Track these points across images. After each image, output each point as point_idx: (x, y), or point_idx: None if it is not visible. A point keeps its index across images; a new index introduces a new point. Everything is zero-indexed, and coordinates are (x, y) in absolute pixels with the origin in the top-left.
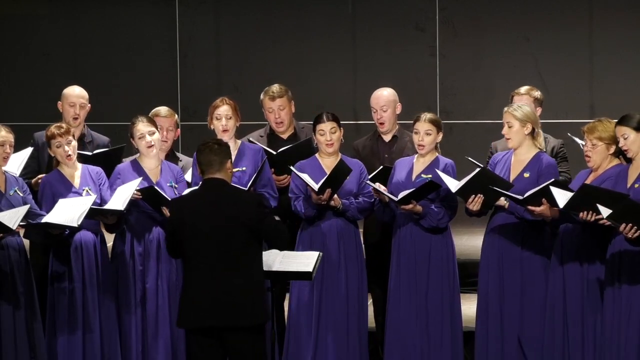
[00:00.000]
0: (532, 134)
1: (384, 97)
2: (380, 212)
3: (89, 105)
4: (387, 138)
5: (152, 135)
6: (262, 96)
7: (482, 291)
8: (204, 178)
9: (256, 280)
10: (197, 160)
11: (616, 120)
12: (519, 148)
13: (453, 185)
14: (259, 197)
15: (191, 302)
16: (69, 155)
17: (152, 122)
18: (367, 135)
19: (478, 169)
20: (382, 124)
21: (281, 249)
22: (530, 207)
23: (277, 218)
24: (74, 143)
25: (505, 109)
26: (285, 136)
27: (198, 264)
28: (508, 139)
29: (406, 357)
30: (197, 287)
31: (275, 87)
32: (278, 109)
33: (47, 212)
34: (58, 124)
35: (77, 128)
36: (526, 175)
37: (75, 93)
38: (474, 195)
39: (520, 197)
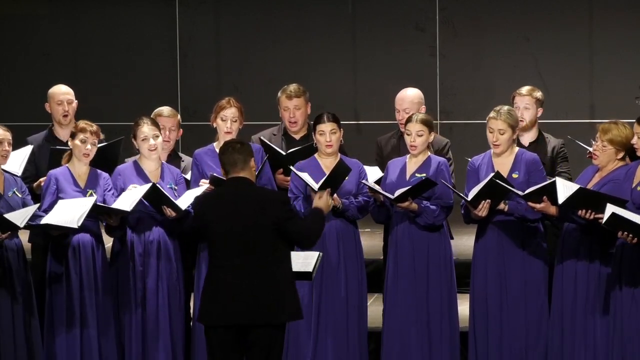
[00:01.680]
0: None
1: (408, 98)
2: (375, 213)
3: (76, 101)
4: None
5: (156, 138)
6: (279, 94)
7: (480, 292)
8: (228, 177)
9: (283, 279)
10: (220, 160)
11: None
12: (501, 152)
13: (467, 196)
14: (284, 196)
15: (215, 299)
16: (87, 154)
17: (156, 125)
18: (391, 132)
19: (491, 174)
20: (402, 124)
21: (309, 248)
22: (531, 204)
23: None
24: (96, 147)
25: (494, 115)
26: (297, 137)
27: (223, 262)
28: (497, 145)
29: (405, 356)
30: (222, 285)
31: (294, 87)
32: (294, 109)
33: (48, 204)
34: (88, 122)
35: (68, 125)
36: (515, 175)
37: (61, 91)
38: (483, 202)
39: (521, 193)
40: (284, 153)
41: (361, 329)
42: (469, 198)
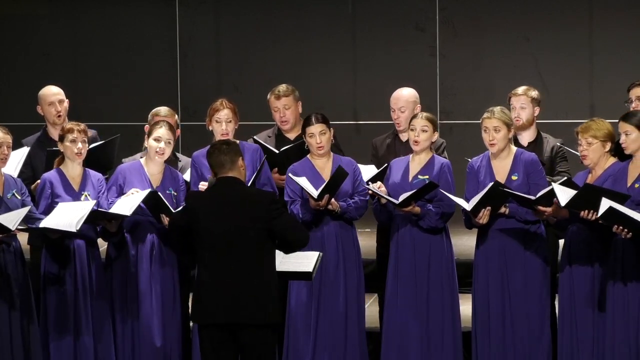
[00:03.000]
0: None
1: (403, 97)
2: (377, 212)
3: (67, 100)
4: (404, 137)
5: (168, 144)
6: (268, 96)
7: (482, 293)
8: (217, 178)
9: (271, 279)
10: (208, 163)
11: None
12: (498, 152)
13: (466, 204)
14: (272, 195)
15: (205, 299)
16: (80, 153)
17: (173, 131)
18: (386, 133)
19: (491, 184)
20: (398, 124)
21: (296, 250)
22: (540, 208)
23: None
24: (86, 145)
25: (487, 114)
26: (291, 136)
27: (212, 262)
28: (493, 144)
29: (405, 357)
30: (211, 285)
31: (282, 87)
32: (283, 108)
33: (44, 209)
34: (75, 122)
35: (61, 126)
36: (514, 177)
37: (52, 92)
38: (483, 209)
39: (532, 198)
40: (277, 151)
41: (360, 330)
42: (469, 208)
